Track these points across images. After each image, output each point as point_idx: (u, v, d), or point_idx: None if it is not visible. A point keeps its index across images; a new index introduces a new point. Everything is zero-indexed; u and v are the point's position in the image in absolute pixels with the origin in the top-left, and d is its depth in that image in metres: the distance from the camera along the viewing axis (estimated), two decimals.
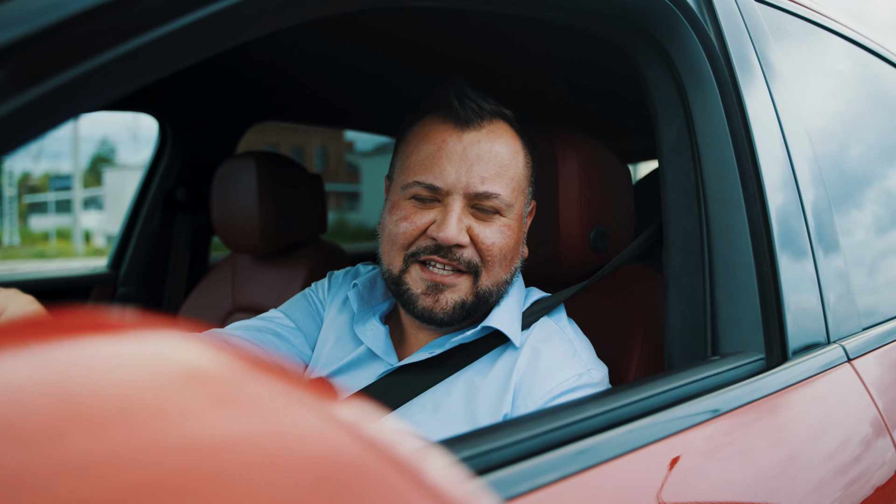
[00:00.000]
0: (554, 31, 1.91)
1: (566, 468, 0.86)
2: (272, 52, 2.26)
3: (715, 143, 1.32)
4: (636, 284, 1.62)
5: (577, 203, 1.58)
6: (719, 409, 1.05)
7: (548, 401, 1.24)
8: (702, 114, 1.34)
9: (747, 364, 1.16)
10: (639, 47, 1.40)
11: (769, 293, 1.23)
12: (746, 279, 1.24)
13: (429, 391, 1.34)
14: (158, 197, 2.86)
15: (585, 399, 0.99)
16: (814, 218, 1.40)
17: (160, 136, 2.84)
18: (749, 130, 1.32)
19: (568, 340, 1.34)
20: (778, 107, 1.43)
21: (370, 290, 1.49)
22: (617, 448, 0.93)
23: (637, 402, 1.02)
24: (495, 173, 1.30)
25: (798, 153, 1.42)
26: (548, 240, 1.60)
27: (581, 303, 1.66)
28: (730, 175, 1.29)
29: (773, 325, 1.22)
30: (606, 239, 1.64)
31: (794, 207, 1.35)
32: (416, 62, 2.34)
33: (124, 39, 0.68)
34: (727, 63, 1.36)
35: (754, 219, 1.27)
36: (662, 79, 1.40)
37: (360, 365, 1.43)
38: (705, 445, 1.01)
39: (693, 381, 1.09)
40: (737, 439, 1.06)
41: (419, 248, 1.30)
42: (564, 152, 1.59)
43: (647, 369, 1.49)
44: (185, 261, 2.93)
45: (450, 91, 1.32)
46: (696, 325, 1.28)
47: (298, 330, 1.51)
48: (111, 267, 2.90)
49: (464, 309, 1.32)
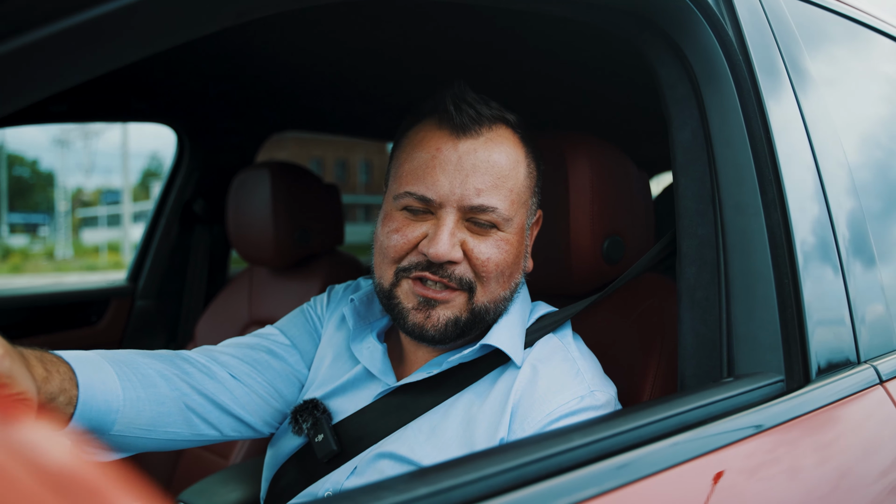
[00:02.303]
0: (565, 31, 1.82)
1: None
2: (289, 62, 2.21)
3: (731, 144, 1.21)
4: (654, 299, 1.51)
5: (588, 211, 1.49)
6: (729, 438, 0.95)
7: (546, 425, 1.14)
8: (717, 114, 1.24)
9: (764, 387, 1.05)
10: (650, 43, 1.31)
11: (790, 308, 1.12)
12: (764, 292, 1.13)
13: (426, 414, 1.26)
14: (176, 209, 2.84)
15: (573, 427, 0.89)
16: (845, 228, 1.28)
17: (178, 148, 2.82)
18: (769, 131, 1.21)
19: (571, 359, 1.24)
20: (804, 108, 1.31)
21: (367, 305, 1.41)
22: (611, 480, 0.84)
23: (636, 429, 0.92)
24: (492, 185, 1.21)
25: (827, 158, 1.31)
26: (558, 251, 1.51)
27: (594, 318, 1.56)
28: (746, 179, 1.18)
29: (794, 343, 1.10)
30: (622, 249, 1.53)
31: (821, 216, 1.23)
32: (432, 69, 2.27)
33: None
34: (746, 59, 1.26)
35: (773, 226, 1.16)
36: (676, 77, 1.30)
37: (356, 385, 1.36)
38: (706, 477, 0.90)
39: (701, 405, 0.99)
40: (747, 471, 0.95)
41: (410, 263, 1.22)
42: (575, 158, 1.49)
43: (663, 390, 1.38)
44: (204, 273, 2.90)
45: (447, 94, 1.24)
46: (711, 343, 1.17)
47: (294, 348, 1.44)
48: (130, 280, 2.88)
49: (457, 326, 1.23)
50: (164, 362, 1.25)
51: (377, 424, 1.28)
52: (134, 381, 1.17)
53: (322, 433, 1.29)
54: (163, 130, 2.77)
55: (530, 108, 2.62)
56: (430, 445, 1.21)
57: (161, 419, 1.21)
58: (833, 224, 1.24)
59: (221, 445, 2.36)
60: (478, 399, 1.23)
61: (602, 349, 1.48)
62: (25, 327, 2.58)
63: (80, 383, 1.07)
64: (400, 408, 1.28)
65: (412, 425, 1.25)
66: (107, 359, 1.16)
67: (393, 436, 1.25)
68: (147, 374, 1.20)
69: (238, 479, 1.92)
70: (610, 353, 1.47)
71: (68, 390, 1.04)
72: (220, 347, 1.39)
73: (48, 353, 1.05)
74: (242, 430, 1.35)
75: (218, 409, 1.30)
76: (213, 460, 2.36)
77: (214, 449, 2.37)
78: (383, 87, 2.48)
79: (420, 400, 1.27)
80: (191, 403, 1.26)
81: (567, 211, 1.48)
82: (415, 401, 1.27)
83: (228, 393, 1.31)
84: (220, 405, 1.30)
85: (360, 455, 1.27)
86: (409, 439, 1.23)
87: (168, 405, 1.22)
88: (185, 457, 2.49)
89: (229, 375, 1.32)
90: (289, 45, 2.04)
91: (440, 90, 1.26)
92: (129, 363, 1.19)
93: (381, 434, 1.27)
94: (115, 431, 1.14)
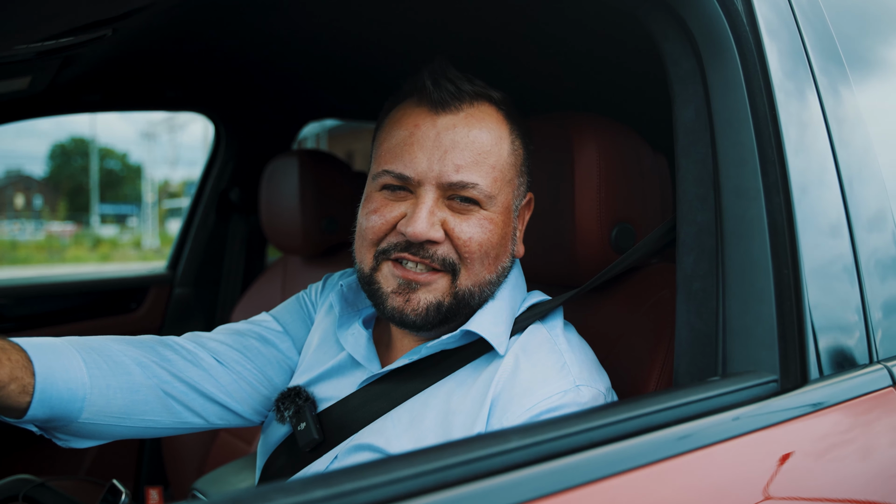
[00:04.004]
0: None
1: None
2: (323, 49, 2.19)
3: (733, 123, 1.12)
4: (667, 290, 1.42)
5: (595, 197, 1.41)
6: (700, 441, 0.86)
7: (526, 420, 1.08)
8: (721, 91, 1.15)
9: (753, 387, 0.96)
10: (653, 16, 1.23)
11: (788, 301, 1.01)
12: (761, 284, 1.03)
13: (407, 402, 1.21)
14: (213, 198, 2.86)
15: (550, 421, 0.83)
16: (863, 215, 1.16)
17: (215, 137, 2.84)
18: (775, 109, 1.11)
19: (557, 351, 1.17)
20: (820, 87, 1.20)
21: (356, 291, 1.37)
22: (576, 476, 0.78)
23: (598, 428, 0.85)
24: (472, 161, 1.15)
25: (844, 140, 1.19)
26: (563, 239, 1.44)
27: (603, 310, 1.49)
28: (748, 161, 1.09)
29: (790, 340, 1.00)
30: (632, 237, 1.45)
31: (833, 201, 1.12)
32: (461, 51, 2.21)
33: None
34: (753, 31, 1.16)
35: (774, 211, 1.06)
36: (680, 52, 1.22)
37: (341, 372, 1.32)
38: (670, 482, 0.83)
39: (679, 404, 0.91)
40: (711, 478, 0.87)
41: (389, 244, 1.18)
42: (581, 140, 1.42)
43: (669, 383, 1.29)
44: (241, 261, 2.92)
45: (425, 71, 1.19)
46: (706, 338, 1.09)
47: (286, 334, 1.42)
48: (169, 268, 2.93)
49: (440, 311, 1.18)
50: (142, 349, 1.24)
51: (359, 413, 1.24)
52: (104, 368, 1.16)
53: (304, 421, 1.26)
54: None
55: (551, 95, 2.55)
56: (408, 437, 1.16)
57: (136, 406, 1.20)
58: (848, 211, 1.13)
59: (247, 432, 2.37)
60: (458, 388, 1.18)
61: (611, 341, 1.40)
62: (67, 314, 2.65)
63: (36, 371, 1.06)
64: (382, 396, 1.24)
65: (392, 415, 1.21)
66: (75, 346, 1.15)
67: (372, 426, 1.22)
68: (120, 362, 1.19)
69: (252, 467, 1.92)
70: (619, 345, 1.39)
71: (20, 378, 1.04)
72: (209, 334, 1.37)
73: (3, 340, 1.04)
74: (229, 417, 1.34)
75: (201, 396, 1.28)
76: (239, 447, 2.37)
77: (240, 435, 2.39)
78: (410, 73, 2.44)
79: (402, 388, 1.23)
80: (170, 390, 1.24)
81: (572, 196, 1.41)
82: (396, 389, 1.23)
83: (213, 380, 1.29)
84: (203, 392, 1.28)
85: (341, 444, 1.23)
86: (388, 430, 1.19)
87: (143, 392, 1.21)
88: (217, 442, 2.51)
89: (216, 362, 1.31)
90: (320, 33, 2.02)
91: (422, 69, 1.21)
92: (100, 350, 1.18)
93: (364, 422, 1.23)
94: (85, 419, 1.13)
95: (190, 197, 2.95)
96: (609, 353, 1.34)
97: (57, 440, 1.16)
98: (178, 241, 2.94)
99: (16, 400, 1.04)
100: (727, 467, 0.88)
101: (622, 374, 1.33)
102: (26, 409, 1.06)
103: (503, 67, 2.29)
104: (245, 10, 1.81)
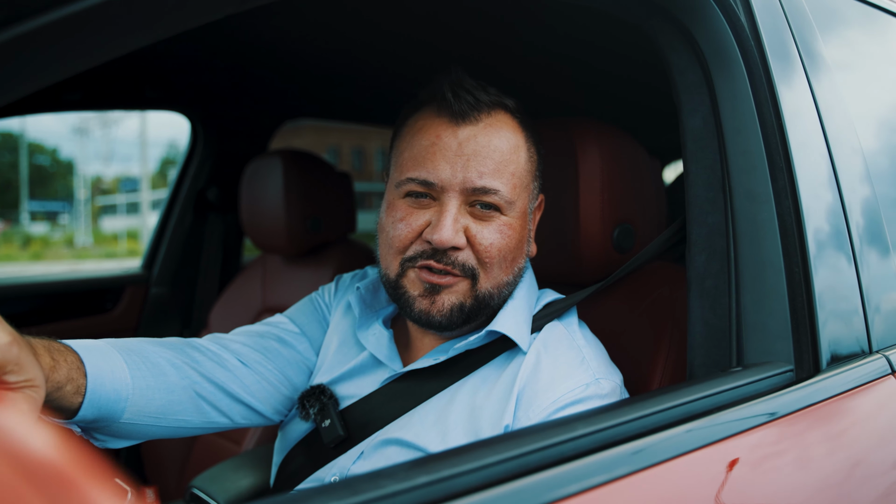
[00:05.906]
0: (572, 18, 1.81)
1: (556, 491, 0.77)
2: (301, 50, 2.21)
3: (742, 131, 1.20)
4: (665, 287, 1.50)
5: (598, 199, 1.48)
6: (737, 428, 0.94)
7: (551, 413, 1.14)
8: (729, 100, 1.23)
9: (773, 376, 1.04)
10: (660, 29, 1.30)
11: (800, 297, 1.10)
12: (774, 281, 1.12)
13: (432, 399, 1.26)
14: (190, 197, 2.85)
15: (579, 415, 0.89)
16: (859, 216, 1.26)
17: (191, 136, 2.82)
18: (781, 118, 1.19)
19: (576, 347, 1.23)
20: (817, 94, 1.29)
21: (373, 293, 1.42)
22: (615, 469, 0.84)
23: (642, 418, 0.91)
24: (494, 169, 1.21)
25: (840, 145, 1.29)
26: (567, 239, 1.50)
27: (605, 307, 1.55)
28: (758, 167, 1.17)
29: (803, 333, 1.09)
30: (632, 238, 1.52)
31: (833, 204, 1.22)
32: (442, 58, 2.26)
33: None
34: (758, 45, 1.24)
35: (784, 214, 1.14)
36: (686, 63, 1.29)
37: (363, 371, 1.36)
38: (714, 468, 0.90)
39: (709, 395, 0.98)
40: (755, 461, 0.94)
41: (415, 252, 1.22)
42: (585, 144, 1.48)
43: (672, 380, 1.37)
44: (217, 261, 2.91)
45: (445, 82, 1.23)
46: (720, 332, 1.16)
47: (303, 335, 1.45)
48: (144, 267, 2.90)
49: (462, 312, 1.23)
50: (174, 350, 1.26)
51: (383, 410, 1.28)
52: (143, 370, 1.18)
53: (329, 418, 1.30)
54: (180, 119, 2.78)
55: (542, 98, 2.61)
56: (436, 431, 1.21)
57: (171, 407, 1.22)
58: (846, 212, 1.23)
59: (234, 432, 2.38)
60: (483, 385, 1.23)
61: (612, 338, 1.47)
62: (41, 314, 2.60)
63: (88, 372, 1.08)
64: (406, 393, 1.28)
65: (417, 411, 1.25)
66: (116, 347, 1.17)
67: (399, 421, 1.26)
68: (157, 363, 1.21)
69: (250, 465, 1.93)
70: (620, 342, 1.46)
71: (76, 379, 1.05)
72: (230, 336, 1.39)
73: (56, 342, 1.05)
74: (252, 417, 1.36)
75: (228, 396, 1.31)
76: (226, 446, 2.38)
77: (228, 435, 2.39)
78: (395, 75, 2.47)
79: (426, 386, 1.27)
80: (201, 391, 1.27)
81: (577, 197, 1.47)
82: (421, 387, 1.27)
83: (238, 381, 1.32)
84: (229, 393, 1.31)
85: (367, 440, 1.27)
86: (416, 425, 1.23)
87: (178, 393, 1.23)
88: (199, 443, 2.51)
89: (239, 363, 1.33)
90: (300, 34, 2.03)
91: (438, 77, 1.25)
92: (138, 352, 1.20)
93: (387, 419, 1.27)
94: (126, 419, 1.15)
95: (130, 193, 2.92)
96: (612, 350, 1.41)
97: (94, 440, 1.17)
98: (153, 241, 2.90)
99: (69, 401, 1.05)
100: (763, 450, 0.95)
101: (626, 369, 1.40)
102: (77, 410, 1.07)
103: (492, 69, 2.35)
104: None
